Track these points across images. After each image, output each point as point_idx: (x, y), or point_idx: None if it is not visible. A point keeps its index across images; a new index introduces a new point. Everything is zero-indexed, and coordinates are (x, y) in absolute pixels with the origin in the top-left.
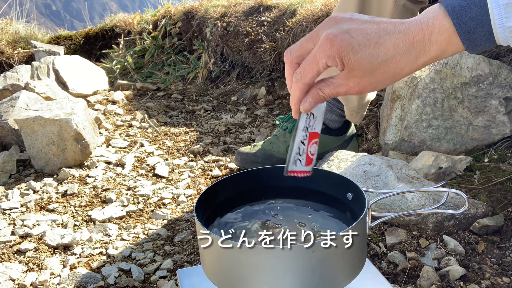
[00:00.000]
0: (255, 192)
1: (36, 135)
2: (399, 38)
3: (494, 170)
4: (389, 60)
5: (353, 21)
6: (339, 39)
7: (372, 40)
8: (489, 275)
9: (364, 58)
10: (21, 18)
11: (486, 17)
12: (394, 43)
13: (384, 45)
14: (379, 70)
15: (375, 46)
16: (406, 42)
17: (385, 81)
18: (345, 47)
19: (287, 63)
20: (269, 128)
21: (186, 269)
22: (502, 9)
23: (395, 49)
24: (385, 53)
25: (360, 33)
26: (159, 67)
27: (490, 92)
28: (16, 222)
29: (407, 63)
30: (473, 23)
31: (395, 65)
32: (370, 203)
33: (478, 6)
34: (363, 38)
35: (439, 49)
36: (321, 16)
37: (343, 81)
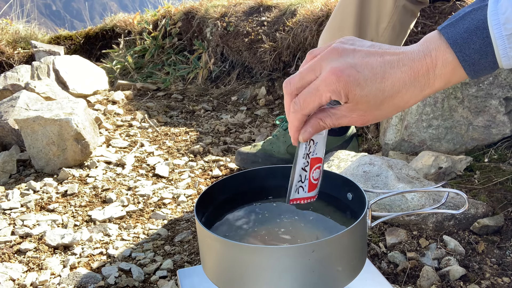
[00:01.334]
0: (255, 192)
1: (36, 135)
2: (404, 72)
3: (494, 170)
4: (395, 95)
5: (357, 52)
6: (346, 75)
7: (378, 74)
8: (489, 275)
9: (370, 93)
10: (21, 18)
11: (489, 48)
12: (399, 77)
13: (391, 79)
14: (384, 105)
15: (382, 81)
16: (411, 76)
17: (389, 114)
18: (352, 83)
19: (287, 94)
20: (269, 128)
21: (186, 269)
22: (505, 40)
23: (401, 83)
24: (391, 87)
25: (366, 67)
26: (159, 67)
27: (490, 92)
28: (16, 222)
29: (412, 96)
30: (477, 55)
31: (401, 99)
32: (370, 203)
33: (481, 38)
34: (369, 73)
35: (443, 81)
36: (321, 16)
37: (347, 113)
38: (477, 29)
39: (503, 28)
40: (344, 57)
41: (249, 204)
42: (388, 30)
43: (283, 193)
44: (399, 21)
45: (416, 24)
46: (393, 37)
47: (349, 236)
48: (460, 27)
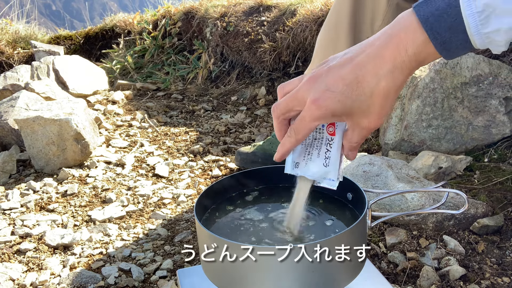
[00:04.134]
0: (255, 192)
1: (36, 135)
2: (375, 65)
3: (494, 170)
4: (376, 89)
5: (330, 71)
6: (323, 99)
7: (352, 83)
8: (489, 275)
9: (354, 102)
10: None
11: (461, 26)
12: (372, 73)
13: (365, 80)
14: (374, 104)
15: (357, 86)
16: (384, 65)
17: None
18: (332, 105)
19: (274, 118)
20: (269, 128)
21: (186, 269)
22: (476, 17)
23: (376, 77)
24: (368, 86)
25: (338, 83)
26: (159, 67)
27: (490, 92)
28: (16, 222)
29: (393, 81)
30: (448, 33)
31: (385, 89)
32: (370, 203)
33: (451, 16)
34: (343, 86)
35: (417, 60)
36: (321, 16)
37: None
38: (449, 7)
39: (474, 5)
40: (318, 83)
41: (249, 204)
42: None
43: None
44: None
45: None
46: None
47: (349, 236)
48: (433, 5)
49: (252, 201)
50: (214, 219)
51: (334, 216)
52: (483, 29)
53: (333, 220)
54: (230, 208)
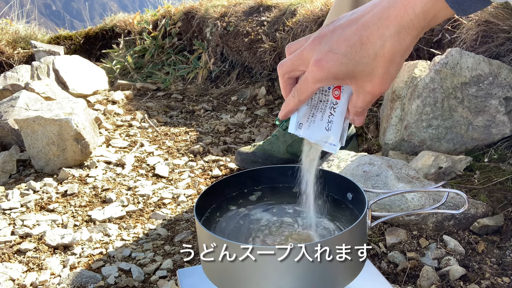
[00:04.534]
0: (255, 192)
1: (36, 135)
2: (380, 26)
3: (494, 170)
4: (381, 51)
5: (335, 32)
6: (325, 61)
7: (356, 44)
8: (489, 275)
9: (357, 63)
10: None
11: None
12: (377, 34)
13: (369, 41)
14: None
15: (361, 47)
16: (390, 26)
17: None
18: (334, 66)
19: (280, 76)
20: (269, 128)
21: (186, 269)
22: None
23: (381, 38)
24: (372, 48)
25: (342, 44)
26: (159, 67)
27: (490, 92)
28: (16, 222)
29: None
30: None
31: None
32: (370, 203)
33: None
34: (346, 48)
35: (426, 18)
36: (321, 16)
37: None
38: None
39: None
40: (323, 44)
41: (249, 204)
42: None
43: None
44: None
45: None
46: None
47: (349, 236)
48: None
49: (252, 201)
50: (214, 219)
51: (334, 216)
52: None
53: (333, 220)
54: (230, 208)
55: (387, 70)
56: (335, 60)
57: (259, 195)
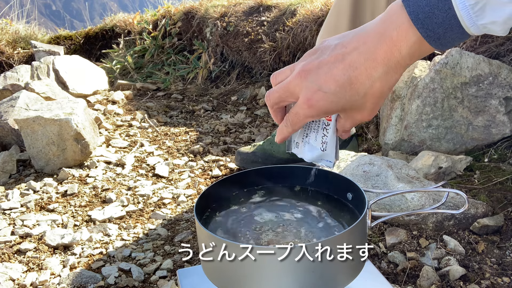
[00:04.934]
0: (255, 192)
1: (36, 135)
2: (368, 67)
3: (494, 170)
4: (370, 90)
5: (321, 68)
6: (315, 100)
7: (345, 84)
8: (489, 275)
9: (347, 102)
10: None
11: (454, 21)
12: (365, 75)
13: (358, 82)
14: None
15: (351, 87)
16: (378, 67)
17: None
18: (324, 105)
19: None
20: (269, 128)
21: (186, 269)
22: (470, 10)
23: (370, 79)
24: (362, 88)
25: (331, 83)
26: (159, 67)
27: (490, 92)
28: (16, 222)
29: (387, 81)
30: (441, 29)
31: (379, 89)
32: (370, 203)
33: (443, 11)
34: (335, 88)
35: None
36: (321, 16)
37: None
38: (439, 1)
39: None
40: (309, 80)
41: (249, 204)
42: None
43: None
44: None
45: None
46: None
47: (349, 236)
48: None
49: (252, 201)
50: (214, 219)
51: (334, 216)
52: (479, 21)
53: (333, 220)
54: (230, 208)
55: (376, 103)
56: (325, 99)
57: (259, 195)
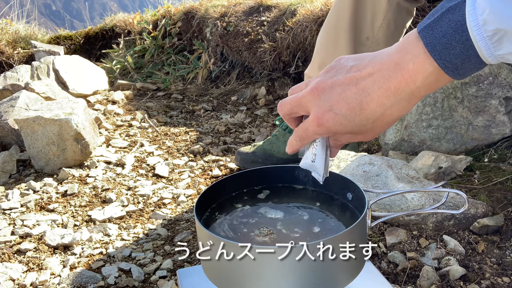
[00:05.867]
0: (255, 192)
1: (36, 135)
2: (381, 95)
3: (494, 170)
4: (380, 117)
5: (334, 88)
6: (325, 120)
7: (356, 108)
8: (489, 275)
9: (355, 126)
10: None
11: (472, 51)
12: (377, 103)
13: (369, 108)
14: (375, 127)
15: (361, 113)
16: (390, 96)
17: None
18: (334, 126)
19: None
20: (269, 128)
21: (186, 269)
22: (487, 41)
23: (382, 107)
24: (372, 114)
25: (342, 105)
26: (159, 67)
27: (490, 92)
28: (16, 222)
29: (399, 110)
30: (459, 60)
31: (389, 117)
32: (370, 203)
33: (461, 42)
34: (346, 110)
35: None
36: (321, 16)
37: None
38: (456, 32)
39: (483, 29)
40: (322, 99)
41: (249, 204)
42: (383, 28)
43: (283, 193)
44: (393, 18)
45: (416, 24)
46: (388, 35)
47: (349, 236)
48: (438, 30)
49: (252, 201)
50: (214, 219)
51: (334, 216)
52: (497, 51)
53: (333, 220)
54: (230, 208)
55: (383, 128)
56: (335, 120)
57: (259, 195)
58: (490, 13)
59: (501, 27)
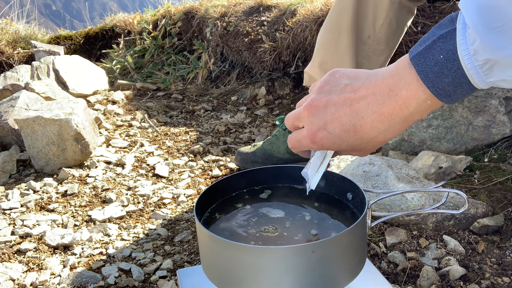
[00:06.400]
0: (255, 192)
1: (36, 135)
2: (374, 119)
3: (494, 170)
4: (373, 139)
5: (328, 107)
6: (319, 138)
7: (349, 130)
8: (489, 275)
9: (349, 145)
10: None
11: (463, 79)
12: (371, 126)
13: (362, 131)
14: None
15: (354, 134)
16: (384, 120)
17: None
18: (326, 144)
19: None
20: (269, 128)
21: (186, 269)
22: (479, 70)
23: (375, 130)
24: (366, 136)
25: (336, 126)
26: (159, 67)
27: (490, 92)
28: (16, 222)
29: (393, 133)
30: (451, 87)
31: (383, 138)
32: (370, 203)
33: (452, 71)
34: (340, 131)
35: (421, 114)
36: (321, 16)
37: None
38: (448, 61)
39: (473, 59)
40: (316, 116)
41: (249, 204)
42: (385, 27)
43: (283, 193)
44: (395, 17)
45: (416, 24)
46: (389, 34)
47: (349, 236)
48: (430, 58)
49: (252, 201)
50: (214, 219)
51: (334, 216)
52: (488, 79)
53: (333, 220)
54: (230, 208)
55: (375, 148)
56: (329, 139)
57: (259, 195)
58: (480, 43)
59: (491, 57)
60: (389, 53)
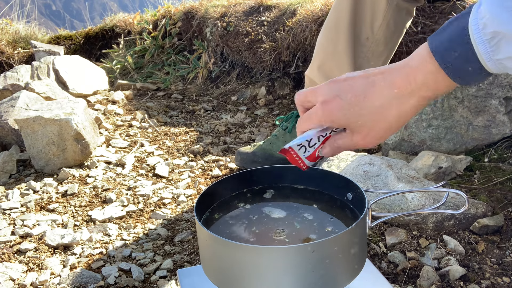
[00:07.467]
0: (255, 192)
1: (36, 135)
2: (384, 87)
3: (494, 170)
4: (380, 111)
5: (347, 81)
6: (331, 104)
7: (360, 95)
8: (489, 275)
9: (355, 116)
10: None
11: (471, 54)
12: (380, 93)
13: (371, 96)
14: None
15: (364, 100)
16: (391, 89)
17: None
18: (336, 111)
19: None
20: (269, 128)
21: (186, 269)
22: (486, 44)
23: (382, 97)
24: (372, 103)
25: (349, 91)
26: (159, 67)
27: (490, 92)
28: (16, 222)
29: (398, 106)
30: (459, 61)
31: (389, 114)
32: (370, 203)
33: (462, 44)
34: (351, 96)
35: (428, 89)
36: (321, 16)
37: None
38: (458, 36)
39: (482, 33)
40: (334, 88)
41: (249, 204)
42: (383, 28)
43: (283, 193)
44: (393, 19)
45: (416, 24)
46: (388, 35)
47: (349, 236)
48: (444, 34)
49: (252, 201)
50: (214, 219)
51: (334, 216)
52: (495, 56)
53: (333, 220)
54: (230, 208)
55: (380, 128)
56: (339, 106)
57: (259, 195)
58: (490, 17)
59: (498, 30)
60: (388, 54)
